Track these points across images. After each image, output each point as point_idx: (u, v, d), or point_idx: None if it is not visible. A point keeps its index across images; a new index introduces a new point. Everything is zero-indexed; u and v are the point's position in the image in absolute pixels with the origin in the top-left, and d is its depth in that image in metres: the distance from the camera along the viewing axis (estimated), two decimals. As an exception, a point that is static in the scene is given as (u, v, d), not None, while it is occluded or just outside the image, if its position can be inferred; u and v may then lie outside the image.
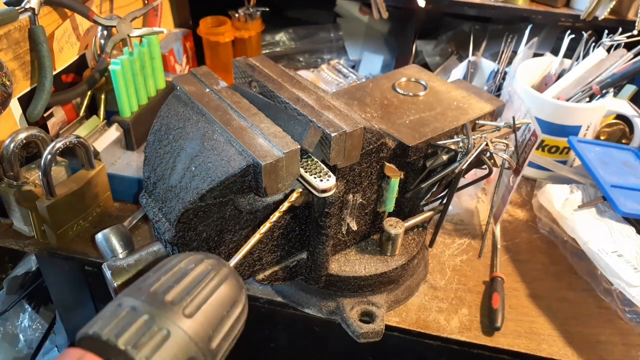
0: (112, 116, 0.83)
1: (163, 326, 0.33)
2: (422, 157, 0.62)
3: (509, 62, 0.97)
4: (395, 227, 0.62)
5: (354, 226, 0.62)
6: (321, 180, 0.51)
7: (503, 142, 0.62)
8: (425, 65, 1.15)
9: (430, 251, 0.74)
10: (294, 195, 0.51)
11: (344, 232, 0.62)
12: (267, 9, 1.09)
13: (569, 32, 0.89)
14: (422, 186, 0.64)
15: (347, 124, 0.51)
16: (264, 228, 0.49)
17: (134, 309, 0.34)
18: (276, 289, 0.67)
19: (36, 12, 0.71)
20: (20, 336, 1.11)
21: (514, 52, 0.98)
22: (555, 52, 0.92)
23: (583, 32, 0.88)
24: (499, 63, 0.98)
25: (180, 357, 0.33)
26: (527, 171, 0.87)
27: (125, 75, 0.79)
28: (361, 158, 0.55)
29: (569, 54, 0.89)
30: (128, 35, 0.82)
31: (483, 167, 0.62)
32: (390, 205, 0.63)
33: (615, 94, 0.91)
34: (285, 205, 0.51)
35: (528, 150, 0.68)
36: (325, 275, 0.62)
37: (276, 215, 0.50)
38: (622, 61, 0.81)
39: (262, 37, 1.17)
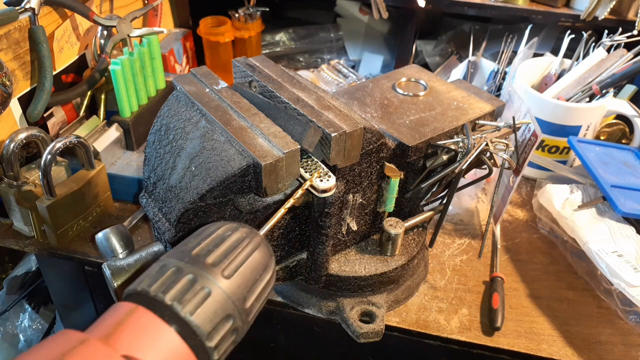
0: (112, 116, 0.83)
1: (205, 285, 0.36)
2: (422, 157, 0.62)
3: (509, 62, 0.97)
4: (395, 227, 0.62)
5: (354, 226, 0.62)
6: (321, 180, 0.51)
7: (503, 142, 0.62)
8: (425, 65, 1.15)
9: (430, 251, 0.74)
10: (307, 184, 0.51)
11: (344, 232, 0.62)
12: (267, 9, 1.09)
13: (569, 32, 0.89)
14: (422, 186, 0.64)
15: (347, 124, 0.51)
16: (288, 203, 0.50)
17: (178, 269, 0.37)
18: (276, 289, 0.67)
19: (36, 12, 0.71)
20: (20, 336, 1.11)
21: (514, 52, 0.98)
22: (555, 52, 0.92)
23: (583, 32, 0.88)
24: (499, 63, 0.98)
25: (219, 314, 0.36)
26: (527, 171, 0.87)
27: (125, 75, 0.79)
28: (361, 158, 0.55)
29: (569, 54, 0.89)
30: (128, 35, 0.82)
31: (483, 167, 0.62)
32: (390, 205, 0.63)
33: (615, 94, 0.91)
34: (307, 184, 0.51)
35: (528, 150, 0.68)
36: (325, 275, 0.62)
37: (299, 192, 0.50)
38: (622, 61, 0.81)
39: (262, 37, 1.17)
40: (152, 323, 0.34)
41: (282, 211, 0.50)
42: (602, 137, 0.92)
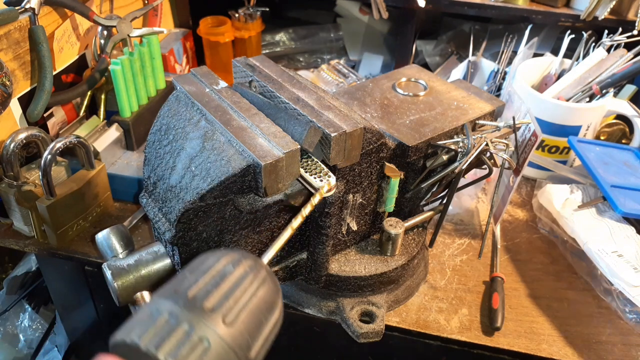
0: (112, 116, 0.83)
1: (203, 336, 0.32)
2: (422, 157, 0.62)
3: (509, 62, 0.97)
4: (395, 227, 0.62)
5: (354, 226, 0.62)
6: (321, 180, 0.51)
7: (503, 142, 0.62)
8: (425, 65, 1.15)
9: (430, 251, 0.74)
10: (325, 187, 0.50)
11: (344, 232, 0.62)
12: (267, 9, 1.09)
13: (569, 32, 0.89)
14: (422, 186, 0.64)
15: (347, 124, 0.51)
16: (295, 222, 0.48)
17: (173, 315, 0.32)
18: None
19: (36, 12, 0.71)
20: (20, 336, 1.11)
21: (514, 52, 0.98)
22: (555, 52, 0.92)
23: (583, 32, 0.88)
24: (499, 63, 0.98)
25: None
26: (527, 171, 0.87)
27: (125, 75, 0.79)
28: (361, 158, 0.55)
29: (569, 54, 0.89)
30: (128, 35, 0.82)
31: (483, 167, 0.62)
32: (390, 205, 0.63)
33: (615, 94, 0.91)
34: (316, 198, 0.50)
35: (528, 150, 0.68)
36: (325, 275, 0.62)
37: (317, 198, 0.49)
38: (622, 61, 0.81)
39: (262, 37, 1.17)
40: None
41: (289, 232, 0.47)
42: (602, 137, 0.92)
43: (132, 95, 0.82)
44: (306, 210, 0.49)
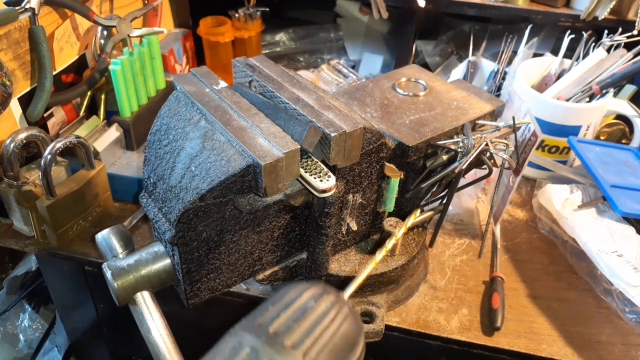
0: (112, 116, 0.83)
1: None
2: (422, 157, 0.62)
3: (509, 62, 0.97)
4: (395, 227, 0.62)
5: (354, 226, 0.62)
6: (321, 181, 0.51)
7: (503, 142, 0.62)
8: (425, 65, 1.15)
9: (430, 251, 0.74)
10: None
11: (344, 232, 0.62)
12: (267, 9, 1.09)
13: (569, 32, 0.89)
14: (422, 186, 0.64)
15: (347, 124, 0.51)
16: (379, 254, 0.50)
17: (254, 350, 0.32)
18: (276, 289, 0.67)
19: (36, 12, 0.71)
20: (20, 336, 1.11)
21: (514, 52, 0.98)
22: (555, 52, 0.92)
23: (583, 32, 0.87)
24: (499, 63, 0.98)
25: None
26: (527, 171, 0.87)
27: (125, 75, 0.79)
28: (361, 158, 0.55)
29: (569, 54, 0.89)
30: (128, 35, 0.82)
31: (483, 167, 0.62)
32: (390, 205, 0.63)
33: (615, 94, 0.91)
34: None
35: (528, 150, 0.68)
36: (325, 275, 0.62)
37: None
38: (622, 61, 0.81)
39: (262, 37, 1.17)
40: None
41: (370, 266, 0.48)
42: (602, 137, 0.92)
43: (132, 95, 0.82)
44: (390, 243, 0.50)
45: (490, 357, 0.65)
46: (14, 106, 0.73)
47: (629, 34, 0.85)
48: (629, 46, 0.84)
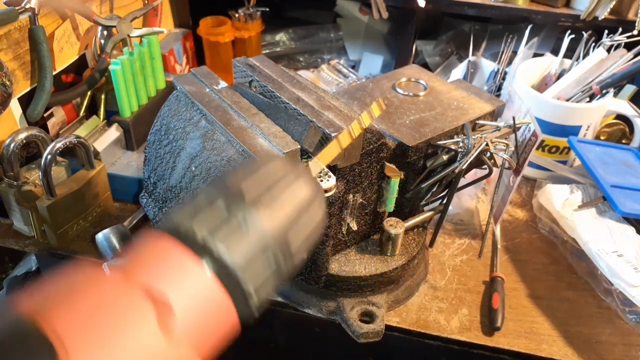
0: (112, 116, 0.83)
1: (242, 218, 0.33)
2: (422, 157, 0.62)
3: (509, 62, 0.97)
4: (395, 227, 0.62)
5: (354, 226, 0.62)
6: (321, 180, 0.51)
7: (503, 142, 0.62)
8: (425, 65, 1.15)
9: (430, 251, 0.74)
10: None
11: (344, 232, 0.62)
12: (267, 9, 1.09)
13: (569, 32, 0.89)
14: (422, 186, 0.64)
15: (347, 124, 0.51)
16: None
17: (210, 196, 0.35)
18: (276, 289, 0.68)
19: (36, 12, 0.71)
20: (20, 336, 1.11)
21: (514, 52, 0.98)
22: (555, 52, 0.92)
23: (583, 32, 0.87)
24: (499, 63, 0.98)
25: (257, 250, 0.33)
26: (527, 171, 0.87)
27: (125, 75, 0.79)
28: (361, 158, 0.55)
29: (569, 54, 0.89)
30: (128, 35, 0.82)
31: (483, 167, 0.62)
32: (390, 205, 0.63)
33: (615, 94, 0.91)
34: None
35: (528, 150, 0.68)
36: (325, 275, 0.62)
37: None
38: (622, 61, 0.81)
39: (262, 37, 1.17)
40: (179, 255, 0.31)
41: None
42: (602, 137, 0.92)
43: (132, 95, 0.82)
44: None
45: (490, 357, 0.65)
46: (14, 106, 0.73)
47: (629, 34, 0.85)
48: (629, 46, 0.84)
